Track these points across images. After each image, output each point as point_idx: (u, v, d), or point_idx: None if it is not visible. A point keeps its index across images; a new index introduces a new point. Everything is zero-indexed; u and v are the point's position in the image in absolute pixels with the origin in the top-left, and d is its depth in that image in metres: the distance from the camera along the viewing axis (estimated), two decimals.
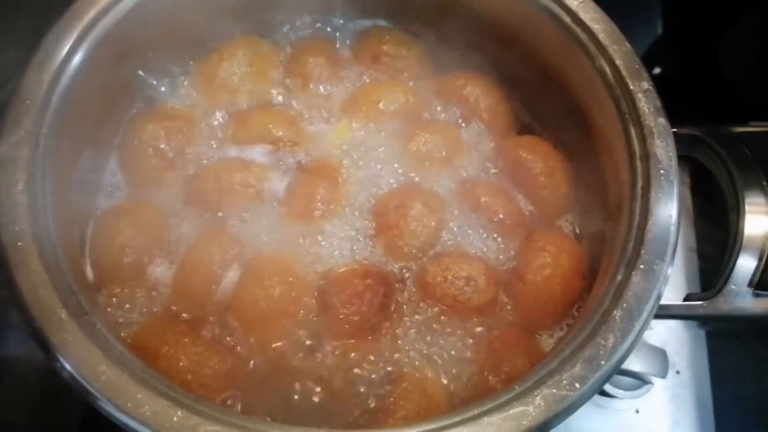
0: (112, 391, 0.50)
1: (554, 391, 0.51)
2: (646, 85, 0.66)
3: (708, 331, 0.89)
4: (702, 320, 0.63)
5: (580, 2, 0.71)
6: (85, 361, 0.51)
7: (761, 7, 1.05)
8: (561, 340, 0.59)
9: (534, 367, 0.56)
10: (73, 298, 0.55)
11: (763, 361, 0.99)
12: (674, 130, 0.66)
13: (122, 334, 0.70)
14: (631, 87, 0.66)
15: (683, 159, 0.69)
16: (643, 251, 0.58)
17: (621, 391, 0.89)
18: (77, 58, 0.66)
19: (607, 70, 0.68)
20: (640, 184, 0.62)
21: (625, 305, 0.55)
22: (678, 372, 0.95)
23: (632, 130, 0.65)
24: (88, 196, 0.77)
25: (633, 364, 0.68)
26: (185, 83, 0.86)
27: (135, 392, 0.50)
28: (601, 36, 0.69)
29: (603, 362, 0.53)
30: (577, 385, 0.51)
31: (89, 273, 0.74)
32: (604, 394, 0.91)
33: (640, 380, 0.88)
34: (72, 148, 0.71)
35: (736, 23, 1.11)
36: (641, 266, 0.57)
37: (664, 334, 0.96)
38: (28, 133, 0.61)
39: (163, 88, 0.85)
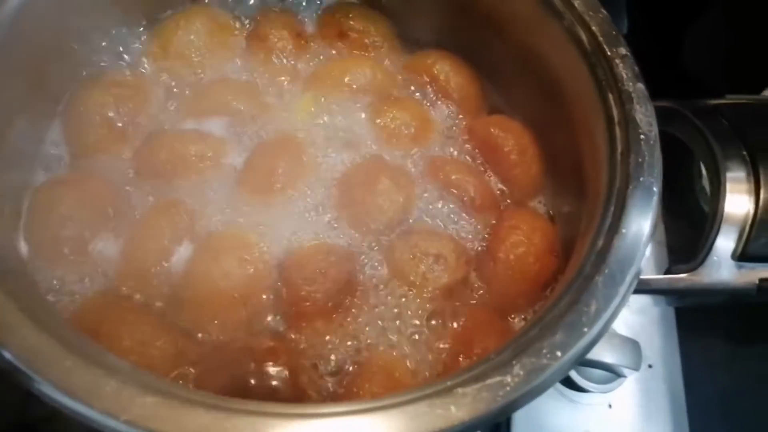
0: (35, 358, 0.43)
1: (534, 359, 0.47)
2: (623, 50, 0.64)
3: (678, 308, 0.86)
4: (683, 294, 0.59)
5: None
6: (2, 323, 0.44)
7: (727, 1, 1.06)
8: (539, 309, 0.56)
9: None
10: None
11: (734, 353, 0.97)
12: None
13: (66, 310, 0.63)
14: (609, 53, 0.64)
15: None
16: (624, 216, 0.54)
17: (593, 385, 0.86)
18: (13, 4, 0.60)
19: (583, 37, 0.66)
20: (619, 149, 0.59)
21: (607, 271, 0.52)
22: (650, 366, 0.92)
23: (610, 96, 0.62)
24: (24, 169, 0.71)
25: (605, 355, 0.65)
26: (139, 50, 0.80)
27: (62, 360, 0.43)
28: (577, 3, 0.67)
29: (585, 329, 0.49)
30: (559, 354, 0.47)
31: (23, 248, 0.67)
32: (576, 388, 0.87)
33: (613, 373, 0.85)
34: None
35: (703, 19, 1.11)
36: (623, 230, 0.54)
37: (635, 327, 0.94)
38: None
39: (114, 54, 0.79)
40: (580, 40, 0.66)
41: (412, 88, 0.84)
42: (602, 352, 0.63)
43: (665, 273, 0.61)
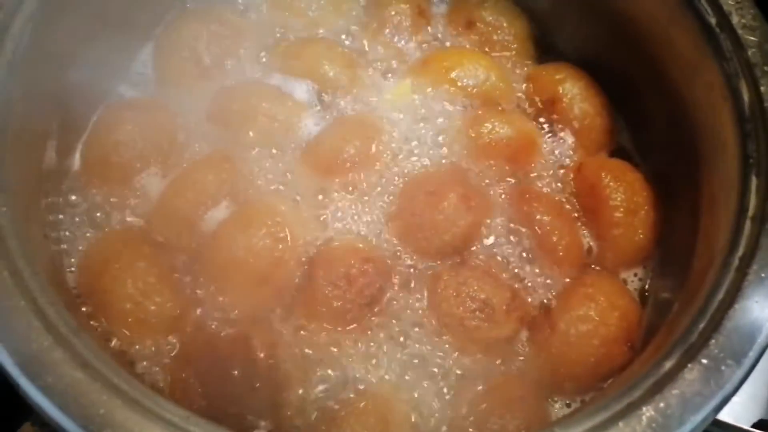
0: None
1: None
2: None
3: None
4: None
5: (738, 1, 0.53)
6: None
7: None
8: (559, 420, 0.44)
9: None
10: None
11: None
12: None
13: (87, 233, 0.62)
14: None
15: None
16: (713, 341, 0.41)
17: None
18: None
19: (745, 96, 0.51)
20: (740, 252, 0.45)
21: (661, 405, 0.39)
22: None
23: (753, 180, 0.48)
24: (106, 80, 0.69)
25: None
26: None
27: None
28: (752, 51, 0.52)
29: None
30: None
31: (77, 161, 0.66)
32: None
33: None
34: (96, 14, 0.63)
35: None
36: (704, 360, 0.40)
37: None
38: None
39: None
40: (740, 98, 0.52)
41: (528, 101, 0.73)
42: None
43: (755, 425, 0.46)
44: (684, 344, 0.42)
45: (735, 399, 0.45)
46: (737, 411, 0.55)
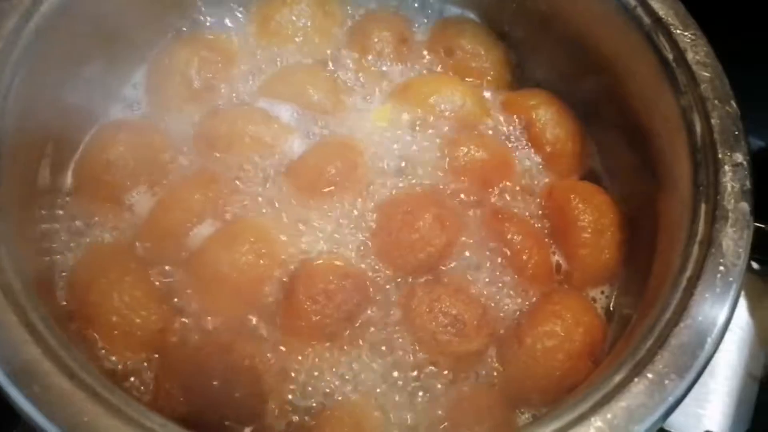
0: None
1: None
2: (739, 157, 0.52)
3: None
4: None
5: (692, 39, 0.57)
6: None
7: None
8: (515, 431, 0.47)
9: None
10: None
11: None
12: (760, 225, 0.51)
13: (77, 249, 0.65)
14: (720, 155, 0.52)
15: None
16: (659, 356, 0.44)
17: None
18: None
19: (698, 127, 0.55)
20: (687, 273, 0.48)
21: (609, 416, 0.42)
22: None
23: (702, 208, 0.51)
24: (99, 103, 0.72)
25: None
26: (241, 17, 0.79)
27: None
28: (704, 86, 0.56)
29: None
30: None
31: (69, 179, 0.69)
32: None
33: None
34: (92, 39, 0.66)
35: None
36: (649, 375, 0.44)
37: None
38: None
39: (217, 16, 0.79)
40: (693, 130, 0.55)
41: (503, 126, 0.76)
42: None
43: None
44: (633, 359, 0.45)
45: (688, 410, 0.49)
46: (685, 422, 0.58)
